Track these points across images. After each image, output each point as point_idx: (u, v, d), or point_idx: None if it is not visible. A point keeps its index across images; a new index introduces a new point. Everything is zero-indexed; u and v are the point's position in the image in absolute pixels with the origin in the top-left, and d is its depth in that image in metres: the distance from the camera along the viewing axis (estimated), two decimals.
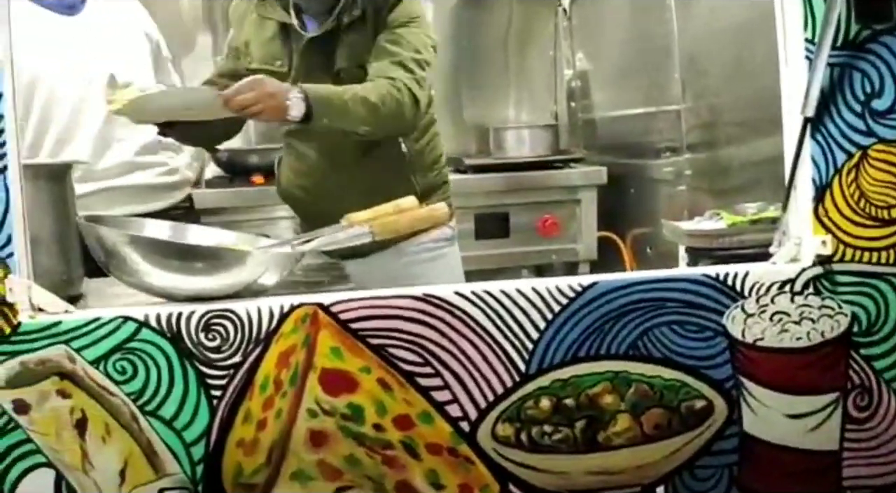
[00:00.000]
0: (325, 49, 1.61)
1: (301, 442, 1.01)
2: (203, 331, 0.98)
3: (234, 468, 1.00)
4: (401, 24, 1.60)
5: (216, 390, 0.99)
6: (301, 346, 1.01)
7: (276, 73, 1.58)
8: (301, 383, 1.01)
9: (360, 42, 1.60)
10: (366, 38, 1.60)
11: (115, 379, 0.96)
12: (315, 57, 1.61)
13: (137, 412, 0.97)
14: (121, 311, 0.97)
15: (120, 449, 0.97)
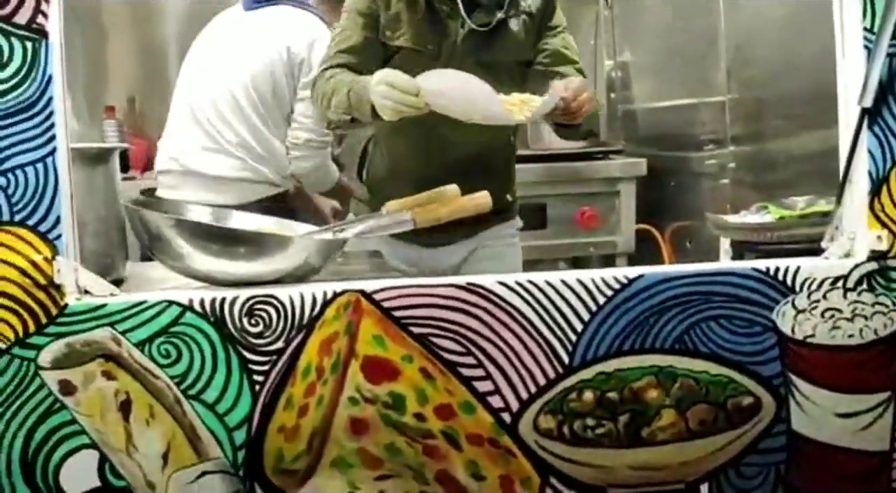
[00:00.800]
0: (481, 40, 1.56)
1: (342, 430, 1.01)
2: (246, 316, 0.98)
3: (276, 454, 1.00)
4: (564, 29, 1.63)
5: (258, 376, 0.99)
6: (343, 333, 1.00)
7: (424, 57, 1.52)
8: (343, 370, 1.00)
9: (521, 38, 1.58)
10: (527, 35, 1.59)
11: (160, 362, 0.96)
12: (470, 47, 1.55)
13: (181, 396, 0.97)
14: (165, 295, 0.98)
15: (163, 432, 0.97)
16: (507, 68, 1.56)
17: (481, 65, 1.49)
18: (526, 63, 1.61)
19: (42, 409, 0.94)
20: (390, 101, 1.29)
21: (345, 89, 1.43)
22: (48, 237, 0.93)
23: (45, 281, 0.93)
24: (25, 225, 0.93)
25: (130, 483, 0.97)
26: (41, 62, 0.93)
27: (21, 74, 0.92)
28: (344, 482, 1.02)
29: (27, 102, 0.92)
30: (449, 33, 1.56)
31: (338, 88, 1.45)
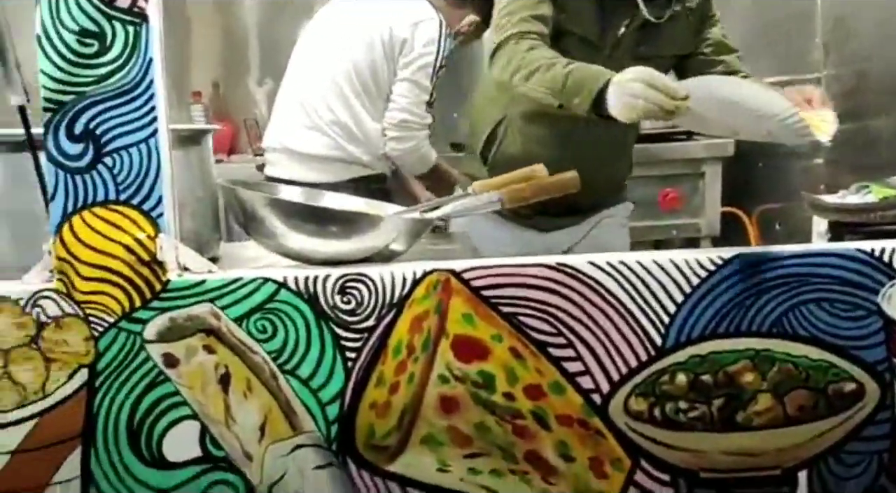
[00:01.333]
0: (646, 33, 1.54)
1: (432, 407, 1.02)
2: (339, 294, 1.00)
3: (367, 430, 1.02)
4: (719, 19, 1.60)
5: (351, 353, 1.00)
6: (433, 311, 1.01)
7: (587, 46, 1.50)
8: (433, 348, 1.01)
9: (685, 31, 1.56)
10: (690, 28, 1.57)
11: (256, 337, 0.99)
12: (635, 40, 1.53)
13: (277, 371, 1.00)
14: (261, 272, 1.00)
15: (260, 405, 1.00)
16: (662, 61, 1.52)
17: (638, 58, 1.44)
18: (682, 55, 1.58)
19: (147, 380, 0.98)
20: (643, 100, 1.19)
21: (561, 70, 1.34)
22: (151, 216, 0.97)
23: (149, 258, 0.97)
24: (130, 204, 0.96)
25: (229, 454, 1.00)
26: (142, 45, 0.95)
27: (123, 58, 0.95)
28: (434, 459, 1.03)
29: (130, 84, 0.96)
30: (617, 24, 1.52)
31: (548, 65, 1.36)
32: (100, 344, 0.97)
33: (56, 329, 0.97)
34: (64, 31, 0.94)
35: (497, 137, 1.67)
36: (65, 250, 0.96)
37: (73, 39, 0.94)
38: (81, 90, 0.94)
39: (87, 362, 0.97)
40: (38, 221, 1.04)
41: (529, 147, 1.61)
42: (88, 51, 0.94)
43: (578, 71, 1.34)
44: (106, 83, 0.95)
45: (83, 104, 0.95)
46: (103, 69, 0.95)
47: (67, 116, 0.94)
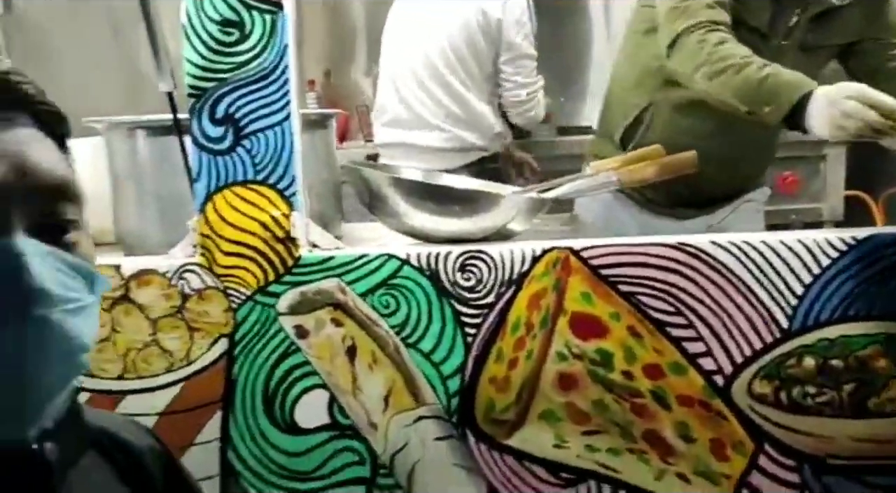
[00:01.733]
0: (817, 24, 1.46)
1: (550, 384, 1.03)
2: (459, 271, 1.02)
3: (486, 404, 1.04)
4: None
5: (471, 328, 1.03)
6: (552, 289, 1.02)
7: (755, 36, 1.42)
8: (551, 325, 1.02)
9: (860, 17, 1.48)
10: (866, 13, 1.48)
11: (381, 312, 1.03)
12: (804, 30, 1.45)
13: (400, 344, 1.03)
14: (385, 249, 1.04)
15: (385, 377, 1.04)
16: (829, 51, 1.47)
17: (806, 48, 1.39)
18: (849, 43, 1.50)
19: (280, 351, 1.04)
20: (857, 121, 1.13)
21: (755, 73, 1.25)
22: (285, 195, 1.02)
23: (283, 235, 1.02)
24: (267, 184, 1.02)
25: (355, 422, 1.05)
26: (278, 32, 1.01)
27: (261, 45, 1.01)
28: (552, 434, 1.04)
29: (266, 70, 1.01)
30: (790, 13, 1.44)
31: (740, 66, 1.27)
32: (238, 315, 1.04)
33: (199, 301, 1.04)
34: (207, 22, 1.00)
35: (642, 123, 1.59)
36: (207, 228, 1.02)
37: (215, 29, 1.00)
38: (222, 77, 1.01)
39: (227, 331, 1.04)
40: (181, 201, 1.12)
41: (677, 137, 1.47)
42: (229, 39, 1.00)
43: (775, 76, 1.25)
44: (245, 69, 1.01)
45: (224, 90, 1.01)
46: (242, 56, 1.01)
47: (210, 101, 1.01)
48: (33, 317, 0.45)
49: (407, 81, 2.08)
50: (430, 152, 2.04)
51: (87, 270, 0.49)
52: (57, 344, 0.47)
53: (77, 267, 0.48)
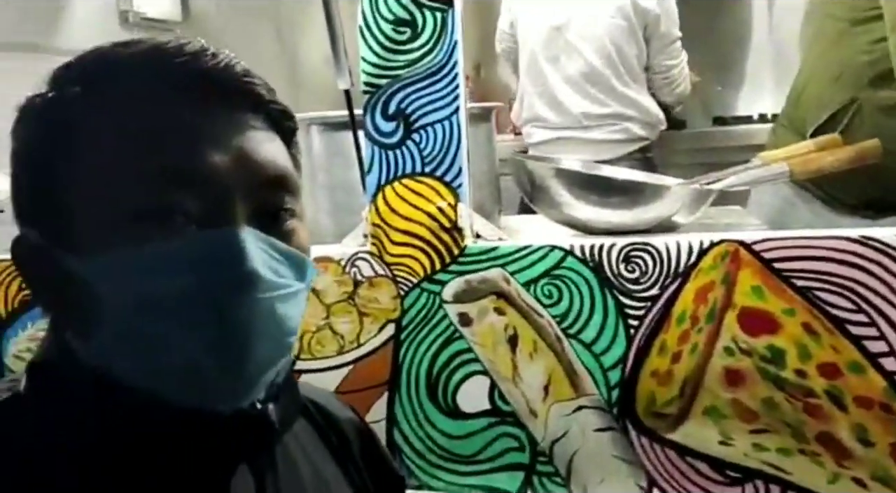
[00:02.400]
0: None
1: (715, 379, 1.01)
2: (623, 262, 1.02)
3: (648, 397, 1.03)
4: None
5: (633, 320, 1.02)
6: (720, 283, 1.00)
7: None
8: (718, 320, 1.00)
9: None
10: None
11: (543, 302, 1.04)
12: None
13: (561, 334, 1.05)
14: (549, 240, 1.05)
15: (545, 366, 1.05)
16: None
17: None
18: None
19: (444, 337, 1.08)
20: None
21: None
22: (452, 186, 1.06)
23: (450, 225, 1.06)
24: (434, 176, 1.06)
25: (515, 409, 1.07)
26: (448, 30, 1.04)
27: (432, 42, 1.05)
28: (716, 431, 1.02)
29: (436, 66, 1.05)
30: None
31: None
32: (405, 302, 1.09)
33: (369, 287, 1.09)
34: (382, 21, 1.05)
35: (839, 122, 1.48)
36: (378, 218, 1.08)
37: (389, 28, 1.05)
38: (395, 74, 1.05)
39: (395, 317, 1.09)
40: (352, 192, 1.18)
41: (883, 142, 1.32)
42: (402, 37, 1.05)
43: None
44: (416, 66, 1.05)
45: (396, 86, 1.05)
46: (414, 54, 1.05)
47: (383, 98, 1.06)
48: (249, 300, 0.49)
49: (561, 86, 2.08)
50: (593, 144, 2.04)
51: (299, 258, 0.53)
52: (266, 326, 0.50)
53: (289, 255, 0.52)
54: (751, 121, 2.50)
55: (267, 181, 0.52)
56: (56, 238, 0.51)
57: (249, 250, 0.49)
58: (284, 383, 0.56)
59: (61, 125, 0.52)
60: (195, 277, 0.48)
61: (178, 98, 0.51)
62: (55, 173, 0.51)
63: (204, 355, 0.49)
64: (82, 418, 0.50)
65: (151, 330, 0.49)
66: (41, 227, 0.52)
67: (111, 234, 0.49)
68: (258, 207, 0.52)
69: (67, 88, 0.52)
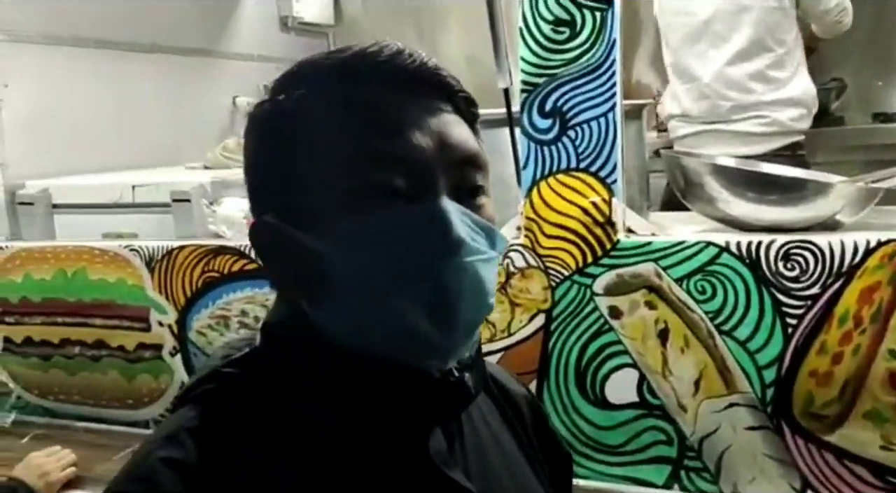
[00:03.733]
0: None
1: (879, 382, 0.98)
2: (782, 260, 1.01)
3: (805, 397, 1.02)
4: None
5: (791, 319, 1.01)
6: (887, 283, 0.97)
7: None
8: (884, 321, 0.97)
9: None
10: None
11: (696, 297, 1.05)
12: None
13: (714, 330, 1.05)
14: (703, 236, 1.05)
15: (696, 361, 1.06)
16: None
17: None
18: None
19: (594, 328, 1.10)
20: None
21: None
22: (606, 182, 1.08)
23: (603, 220, 1.08)
24: (589, 171, 1.09)
25: (664, 403, 1.08)
26: (608, 28, 1.06)
27: (591, 41, 1.07)
28: (877, 435, 0.99)
29: (594, 64, 1.07)
30: None
31: None
32: (556, 293, 1.12)
33: (521, 278, 1.14)
34: (541, 22, 1.09)
35: None
36: (532, 211, 1.12)
37: (548, 28, 1.09)
38: (553, 72, 1.09)
39: (545, 308, 1.13)
40: (504, 187, 1.22)
41: None
42: (561, 37, 1.08)
43: None
44: (573, 65, 1.08)
45: (554, 85, 1.09)
46: (572, 53, 1.08)
47: (540, 96, 1.10)
48: (456, 263, 0.55)
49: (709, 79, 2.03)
50: (739, 136, 1.97)
51: (490, 228, 0.58)
52: (472, 286, 0.56)
53: (481, 225, 0.57)
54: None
55: (462, 160, 0.57)
56: (291, 219, 0.58)
57: (454, 219, 0.55)
58: (476, 352, 0.62)
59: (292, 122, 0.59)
60: (408, 245, 0.54)
61: (385, 92, 0.57)
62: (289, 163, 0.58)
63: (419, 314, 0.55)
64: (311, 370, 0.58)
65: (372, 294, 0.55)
66: (278, 210, 0.59)
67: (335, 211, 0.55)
68: (455, 183, 0.57)
69: (293, 92, 0.59)
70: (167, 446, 0.55)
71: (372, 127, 0.56)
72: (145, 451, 0.55)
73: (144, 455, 0.55)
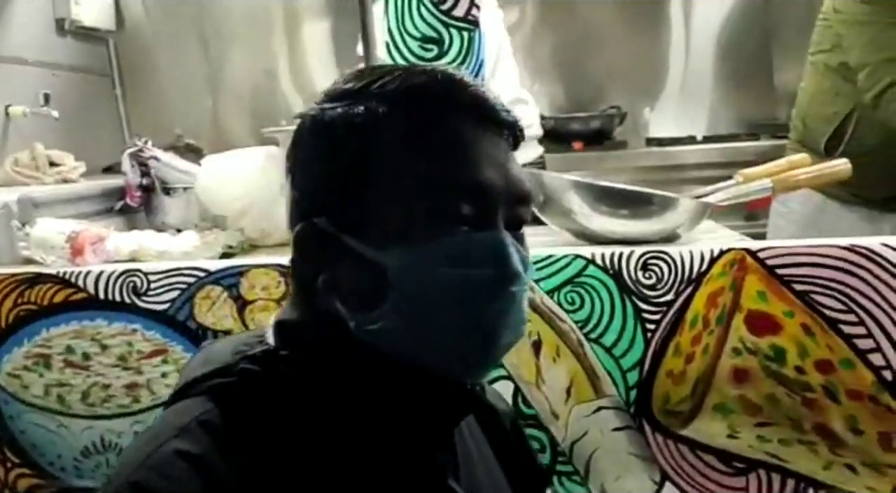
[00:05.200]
0: None
1: (724, 378, 1.09)
2: (641, 270, 1.09)
3: (663, 396, 1.11)
4: None
5: (651, 324, 1.09)
6: (728, 288, 1.08)
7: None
8: (727, 322, 1.09)
9: None
10: None
11: (566, 308, 1.10)
12: None
13: (583, 338, 1.10)
14: (571, 249, 1.11)
15: (567, 369, 1.11)
16: None
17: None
18: None
19: None
20: None
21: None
22: None
23: None
24: None
25: (538, 412, 1.12)
26: (475, 49, 1.09)
27: (459, 60, 1.09)
28: (725, 425, 1.10)
29: None
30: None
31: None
32: None
33: None
34: (408, 38, 1.09)
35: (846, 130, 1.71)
36: None
37: (416, 45, 1.09)
38: None
39: None
40: None
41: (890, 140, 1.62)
42: (429, 55, 1.09)
43: None
44: None
45: None
46: None
47: None
48: (510, 292, 0.59)
49: None
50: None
51: (528, 260, 0.63)
52: (515, 314, 0.60)
53: (523, 256, 0.61)
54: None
55: (521, 198, 0.62)
56: (349, 228, 0.59)
57: (511, 252, 0.59)
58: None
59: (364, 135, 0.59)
60: (469, 269, 0.58)
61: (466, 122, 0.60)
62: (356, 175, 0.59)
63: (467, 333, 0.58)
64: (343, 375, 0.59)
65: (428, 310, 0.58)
66: (334, 217, 0.59)
67: (402, 229, 0.57)
68: (511, 217, 0.61)
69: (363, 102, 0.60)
70: (181, 437, 0.54)
71: (451, 156, 0.59)
72: (158, 441, 0.54)
73: (157, 445, 0.54)
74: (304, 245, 0.61)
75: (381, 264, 0.57)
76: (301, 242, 0.61)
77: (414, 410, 0.60)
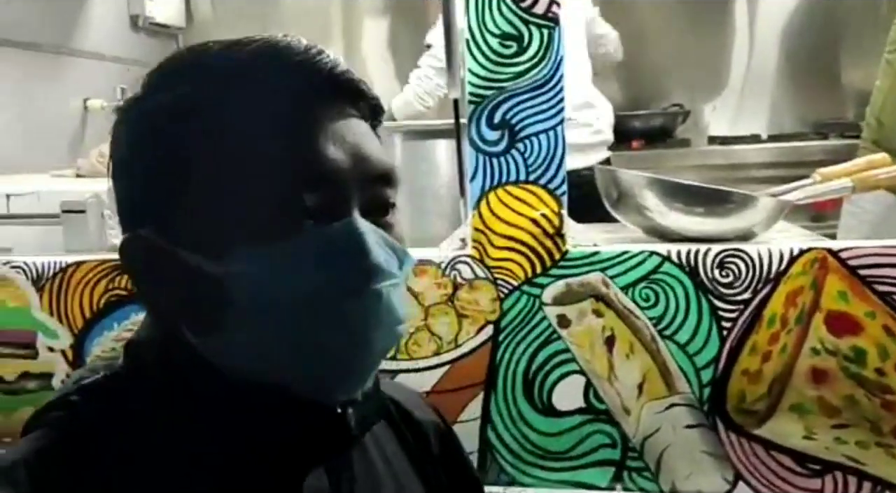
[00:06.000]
0: None
1: (802, 378, 1.08)
2: (717, 268, 1.09)
3: (738, 395, 1.10)
4: None
5: (726, 322, 1.09)
6: (808, 287, 1.07)
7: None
8: (806, 322, 1.08)
9: None
10: None
11: (640, 305, 1.10)
12: None
13: (657, 335, 1.10)
14: (647, 246, 1.11)
15: (640, 366, 1.11)
16: None
17: None
18: None
19: (543, 338, 1.12)
20: None
21: None
22: (556, 194, 1.11)
23: (553, 231, 1.11)
24: (538, 183, 1.11)
25: (609, 407, 1.12)
26: (554, 46, 1.10)
27: (538, 57, 1.10)
28: (801, 426, 1.09)
29: (542, 80, 1.10)
30: None
31: None
32: (504, 304, 1.13)
33: (469, 290, 1.13)
34: (488, 36, 1.10)
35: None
36: (481, 223, 1.12)
37: (496, 42, 1.10)
38: (501, 85, 1.10)
39: (493, 319, 1.13)
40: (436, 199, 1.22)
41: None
42: (508, 51, 1.10)
43: None
44: (522, 79, 1.10)
45: (502, 98, 1.10)
46: (520, 67, 1.10)
47: (488, 108, 1.10)
48: (370, 290, 0.50)
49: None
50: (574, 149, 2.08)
51: (401, 249, 0.54)
52: (384, 316, 0.51)
53: (393, 246, 0.53)
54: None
55: (378, 176, 0.53)
56: (175, 236, 0.50)
57: (370, 242, 0.50)
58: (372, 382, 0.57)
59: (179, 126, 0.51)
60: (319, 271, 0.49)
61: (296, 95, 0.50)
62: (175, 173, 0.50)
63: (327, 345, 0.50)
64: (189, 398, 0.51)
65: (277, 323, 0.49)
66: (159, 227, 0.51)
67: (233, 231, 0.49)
68: (368, 201, 0.52)
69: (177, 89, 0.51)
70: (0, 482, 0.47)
71: (281, 136, 0.49)
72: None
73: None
74: (130, 261, 0.52)
75: (216, 276, 0.49)
76: (127, 258, 0.52)
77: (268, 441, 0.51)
